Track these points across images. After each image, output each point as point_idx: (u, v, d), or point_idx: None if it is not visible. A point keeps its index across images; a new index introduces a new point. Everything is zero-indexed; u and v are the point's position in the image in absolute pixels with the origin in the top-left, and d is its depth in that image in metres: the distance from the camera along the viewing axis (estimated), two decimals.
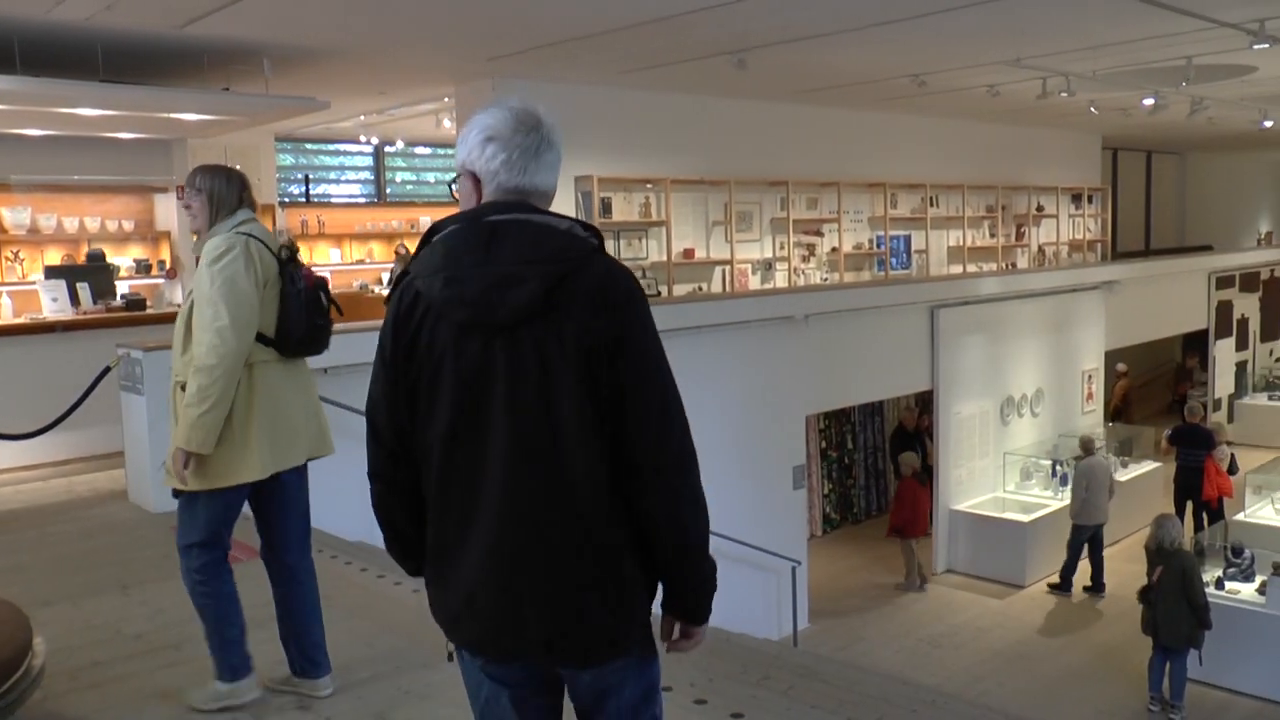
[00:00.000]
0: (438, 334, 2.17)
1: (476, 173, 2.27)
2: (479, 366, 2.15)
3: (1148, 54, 10.60)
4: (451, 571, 2.24)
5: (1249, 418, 20.13)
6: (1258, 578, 10.28)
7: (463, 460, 2.19)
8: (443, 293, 2.14)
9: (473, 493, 2.19)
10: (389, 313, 2.24)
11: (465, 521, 2.20)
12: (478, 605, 2.21)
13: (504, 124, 2.26)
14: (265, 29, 8.35)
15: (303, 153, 16.18)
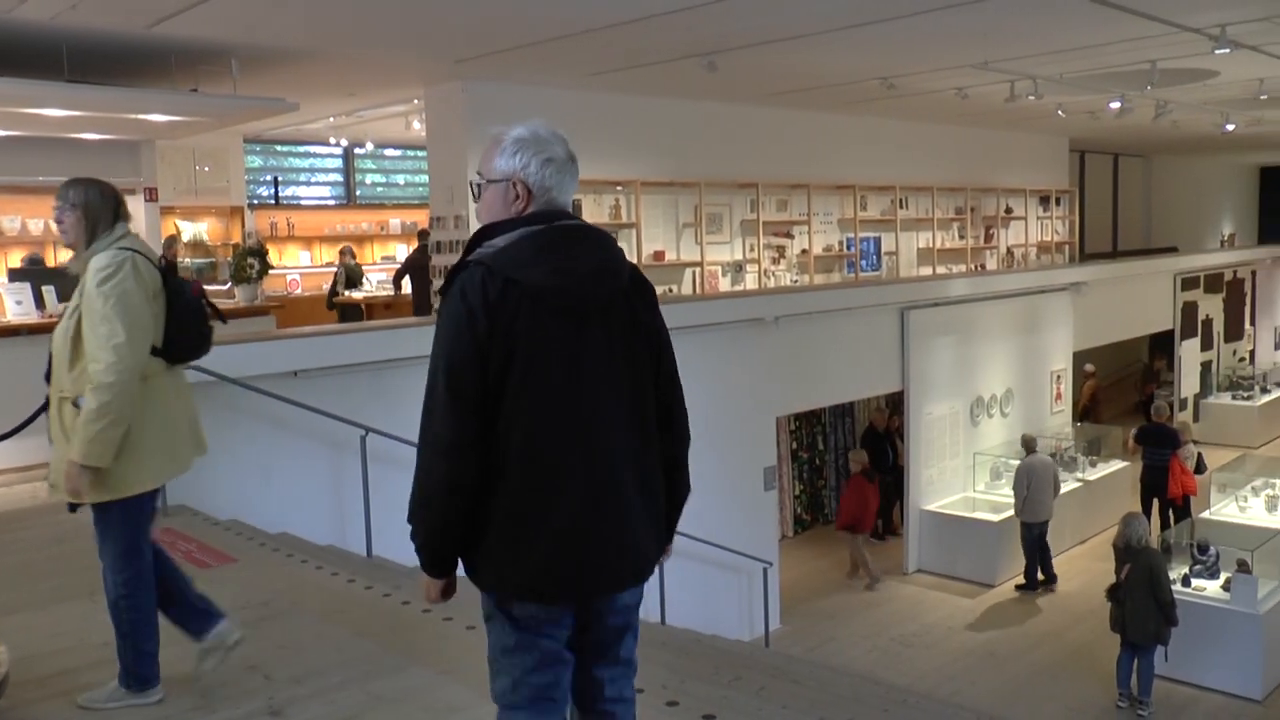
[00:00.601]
0: (537, 315, 2.50)
1: (530, 185, 2.63)
2: (579, 342, 2.56)
3: (1113, 58, 10.70)
4: (548, 524, 2.53)
5: (1214, 417, 20.37)
6: (1222, 574, 10.39)
7: (567, 421, 2.54)
8: (551, 280, 2.52)
9: (579, 449, 2.55)
10: (479, 302, 2.48)
11: (572, 475, 2.54)
12: (589, 545, 2.57)
13: (559, 149, 2.70)
14: (233, 30, 8.28)
15: (272, 154, 16.08)
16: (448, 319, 2.54)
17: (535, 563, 2.55)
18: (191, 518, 6.66)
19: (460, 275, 2.56)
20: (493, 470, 2.53)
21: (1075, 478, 14.70)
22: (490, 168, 2.68)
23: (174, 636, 4.04)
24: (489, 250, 2.55)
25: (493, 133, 2.75)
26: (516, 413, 2.51)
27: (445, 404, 2.51)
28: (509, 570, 2.56)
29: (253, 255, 10.96)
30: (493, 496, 2.54)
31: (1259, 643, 9.81)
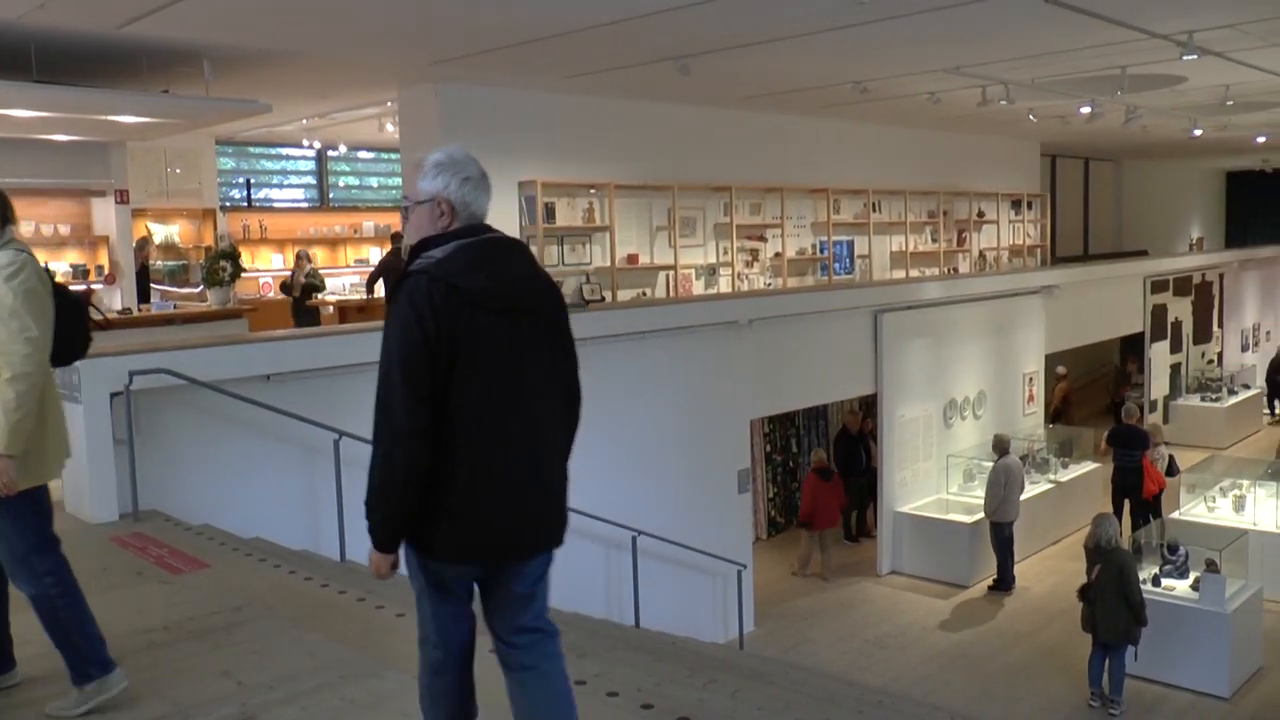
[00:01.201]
0: (474, 319, 2.88)
1: (453, 202, 3.02)
2: (513, 338, 2.96)
3: (1084, 63, 10.80)
4: (493, 495, 2.94)
5: (1183, 418, 20.57)
6: (1192, 574, 10.49)
7: (504, 406, 2.94)
8: (487, 285, 2.92)
9: (515, 430, 2.97)
10: (430, 307, 2.84)
11: (510, 452, 2.96)
12: (526, 513, 3.02)
13: (473, 168, 3.07)
14: (206, 30, 8.24)
15: (244, 156, 15.99)
16: (400, 322, 2.87)
17: (485, 528, 2.95)
18: (163, 523, 6.61)
19: (407, 283, 2.91)
20: (442, 452, 2.88)
21: (1047, 479, 14.82)
22: (416, 190, 3.05)
23: (142, 643, 4.01)
24: (429, 261, 2.92)
25: (414, 160, 3.13)
26: (463, 401, 2.89)
27: (402, 397, 2.85)
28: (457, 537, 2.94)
29: (225, 258, 10.91)
30: (443, 474, 2.89)
31: (1226, 641, 9.92)
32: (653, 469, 10.26)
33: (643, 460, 10.16)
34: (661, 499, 10.30)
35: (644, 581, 9.71)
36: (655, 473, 10.29)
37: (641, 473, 10.12)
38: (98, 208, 11.62)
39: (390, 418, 2.89)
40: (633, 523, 9.56)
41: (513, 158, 11.47)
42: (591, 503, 9.22)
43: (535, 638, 3.18)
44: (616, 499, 9.65)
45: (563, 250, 12.02)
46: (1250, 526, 12.18)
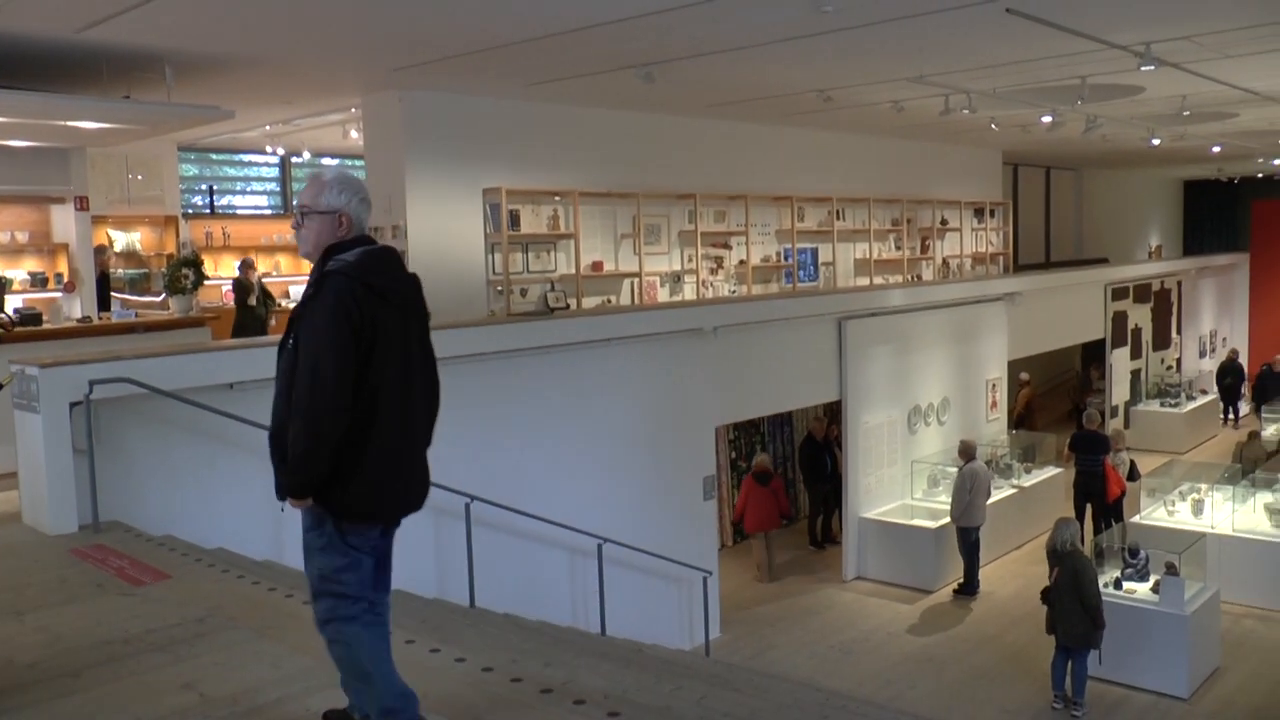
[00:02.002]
0: (383, 312, 3.40)
1: (351, 217, 3.54)
2: (405, 332, 3.50)
3: (1045, 73, 10.93)
4: (399, 464, 3.50)
5: (1143, 423, 20.83)
6: (1152, 577, 10.63)
7: (403, 389, 3.49)
8: (391, 284, 3.48)
9: (412, 409, 3.55)
10: (353, 300, 3.32)
11: (409, 427, 3.53)
12: (419, 479, 3.65)
13: (365, 190, 3.62)
14: (167, 35, 8.16)
15: (207, 163, 15.87)
16: (328, 314, 3.32)
17: (385, 493, 3.49)
18: (124, 534, 6.54)
19: (330, 281, 3.37)
20: (358, 425, 3.37)
21: (1011, 484, 14.95)
22: (320, 201, 3.52)
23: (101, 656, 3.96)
24: (344, 263, 3.41)
25: (314, 173, 3.66)
26: (379, 382, 3.40)
27: (330, 378, 3.29)
28: (367, 500, 3.44)
29: (187, 266, 10.81)
30: (359, 444, 3.38)
31: (1185, 643, 10.06)
32: (618, 476, 10.27)
33: (608, 468, 10.16)
34: (627, 506, 10.30)
35: (610, 589, 9.71)
36: (621, 480, 10.29)
37: (607, 480, 10.12)
38: (57, 215, 11.46)
39: (320, 396, 3.30)
40: (598, 530, 9.55)
41: (477, 165, 11.46)
42: (557, 510, 9.24)
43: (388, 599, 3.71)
44: (582, 506, 9.65)
45: (527, 258, 12.01)
46: (1208, 530, 12.35)
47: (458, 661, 4.71)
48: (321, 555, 3.49)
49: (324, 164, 16.96)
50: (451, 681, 4.48)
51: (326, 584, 3.49)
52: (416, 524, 8.72)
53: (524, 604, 8.14)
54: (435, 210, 11.15)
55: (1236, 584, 11.88)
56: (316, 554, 3.50)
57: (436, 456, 8.31)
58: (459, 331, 8.99)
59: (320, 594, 3.50)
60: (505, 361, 9.15)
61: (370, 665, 3.53)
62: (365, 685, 3.57)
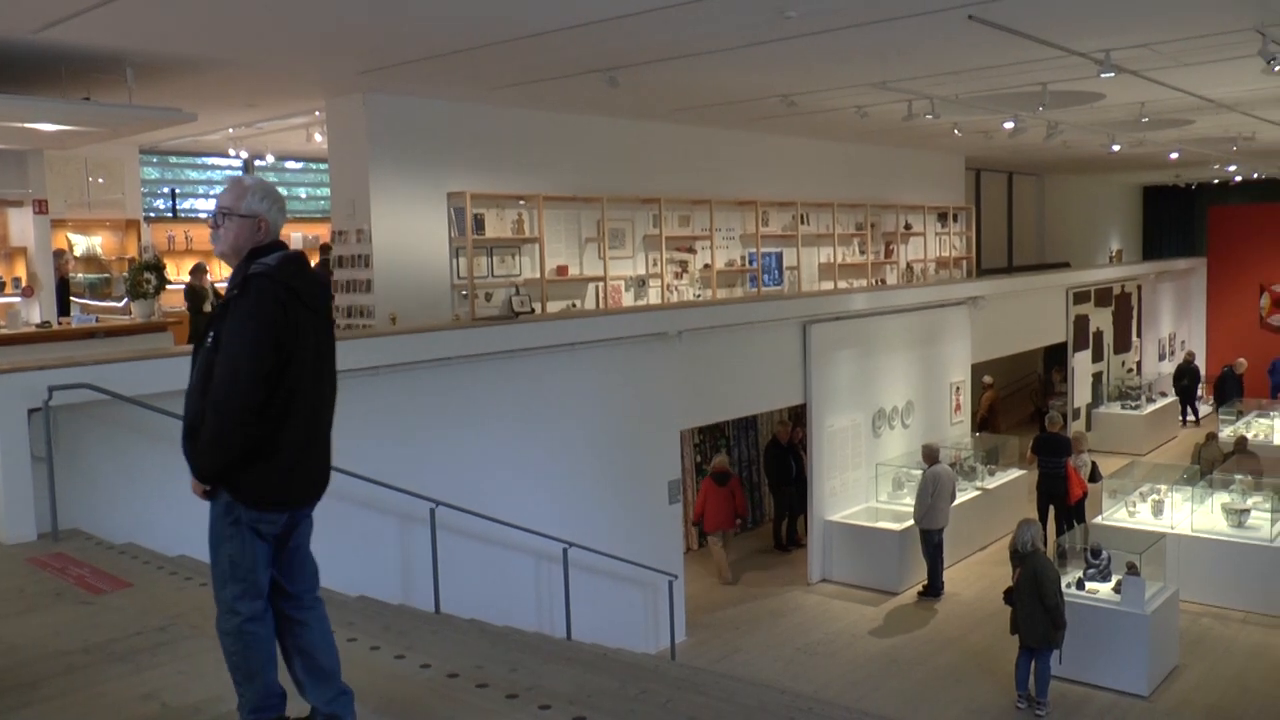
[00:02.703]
0: (300, 314, 3.61)
1: (269, 222, 3.72)
2: (315, 333, 3.69)
3: (1007, 80, 11.03)
4: (308, 457, 3.72)
5: (1105, 426, 21.07)
6: (1114, 577, 10.75)
7: (313, 388, 3.68)
8: (307, 287, 3.68)
9: (321, 403, 3.75)
10: (276, 302, 3.53)
11: (316, 423, 3.74)
12: (325, 468, 3.82)
13: (281, 199, 3.80)
14: (128, 36, 8.07)
15: (168, 166, 15.72)
16: (252, 314, 3.52)
17: (296, 482, 3.70)
18: (84, 542, 6.46)
19: (256, 283, 3.55)
20: (274, 419, 3.55)
21: (975, 486, 15.07)
22: (241, 205, 3.69)
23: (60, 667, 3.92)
24: (266, 266, 3.60)
25: (233, 178, 3.72)
26: (295, 377, 3.59)
27: (250, 373, 3.48)
28: (279, 489, 3.64)
29: (149, 270, 10.71)
30: (273, 436, 3.57)
31: (1146, 641, 10.20)
32: (583, 481, 10.26)
33: (573, 472, 10.15)
34: (592, 511, 10.30)
35: (575, 593, 9.70)
36: (586, 485, 10.29)
37: (572, 485, 10.12)
38: (15, 218, 11.32)
39: (239, 389, 3.48)
40: (564, 535, 9.55)
41: (442, 169, 11.43)
42: (522, 515, 9.23)
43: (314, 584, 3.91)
44: (547, 511, 9.64)
45: (492, 262, 11.99)
46: (1168, 530, 12.51)
47: (423, 668, 4.70)
48: (230, 543, 3.63)
49: (288, 167, 16.87)
50: (416, 687, 4.46)
51: (236, 570, 3.63)
52: (381, 530, 8.73)
53: (489, 609, 8.13)
54: (399, 214, 11.11)
55: (1194, 583, 12.05)
56: (226, 542, 3.64)
57: (400, 460, 8.26)
58: (423, 336, 8.97)
59: (228, 580, 3.64)
60: (470, 366, 9.13)
61: (256, 669, 3.67)
62: (246, 687, 3.68)
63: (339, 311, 11.45)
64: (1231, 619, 12.14)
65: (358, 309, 11.16)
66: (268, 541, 3.68)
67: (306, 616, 3.81)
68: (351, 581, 7.43)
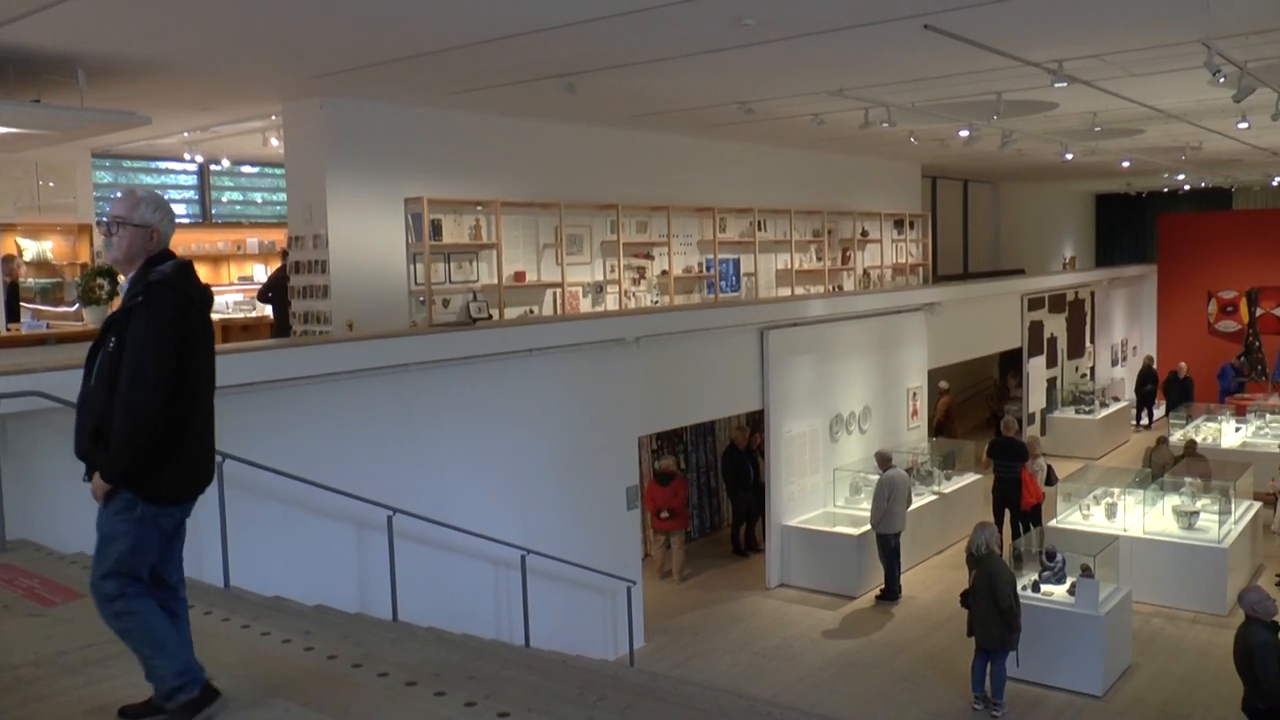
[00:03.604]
0: (196, 320, 3.90)
1: (161, 233, 3.96)
2: (206, 334, 3.99)
3: (962, 89, 11.16)
4: (200, 451, 3.98)
5: (1059, 430, 21.35)
6: (1068, 579, 10.89)
7: (208, 385, 3.99)
8: (201, 294, 4.00)
9: (209, 402, 4.02)
10: (176, 308, 3.80)
11: (207, 421, 4.02)
12: (206, 470, 4.05)
13: (171, 210, 4.03)
14: (79, 37, 7.96)
15: (122, 170, 15.51)
16: (156, 319, 3.74)
17: (196, 476, 3.99)
18: (34, 552, 6.36)
19: (155, 290, 3.78)
20: (178, 419, 3.80)
21: (931, 490, 15.19)
22: (134, 215, 3.90)
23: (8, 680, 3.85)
24: (163, 274, 3.84)
25: (127, 188, 4.08)
26: (195, 378, 3.86)
27: (157, 377, 3.71)
28: (182, 484, 3.91)
29: (102, 275, 10.54)
30: (177, 435, 3.82)
31: (1100, 642, 10.34)
32: (541, 487, 10.24)
33: (531, 479, 10.13)
34: (550, 517, 10.28)
35: (534, 600, 9.68)
36: (544, 491, 10.27)
37: (530, 491, 10.10)
38: None
39: (142, 394, 3.68)
40: (521, 541, 9.53)
41: (399, 174, 11.38)
42: (480, 522, 9.21)
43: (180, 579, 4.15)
44: (505, 518, 9.62)
45: (449, 268, 11.95)
46: (1121, 532, 12.69)
47: (380, 676, 4.67)
48: (127, 538, 3.78)
49: (244, 171, 16.72)
50: (375, 697, 4.44)
51: (124, 564, 3.79)
52: (338, 538, 8.66)
53: (448, 617, 8.09)
54: (356, 219, 11.04)
55: (1146, 584, 12.24)
56: (122, 536, 3.78)
57: (357, 467, 8.19)
58: (381, 342, 8.93)
59: (113, 574, 3.78)
60: (427, 372, 9.09)
61: (164, 638, 3.88)
62: (160, 657, 3.87)
63: (295, 318, 11.38)
64: (1182, 619, 12.33)
65: (314, 315, 11.08)
66: (165, 536, 3.91)
67: (176, 607, 4.03)
68: (308, 590, 7.38)
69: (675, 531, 13.98)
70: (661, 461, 14.18)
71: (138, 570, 3.84)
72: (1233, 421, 19.61)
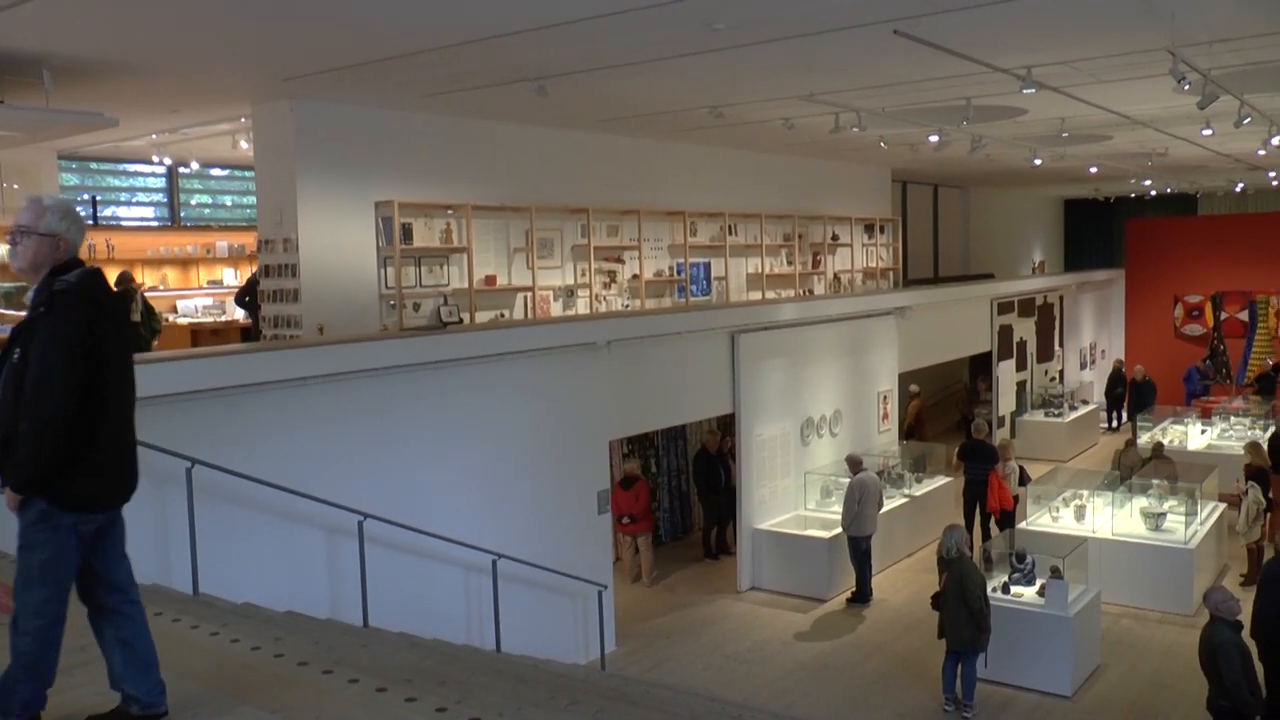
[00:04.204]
0: (104, 326, 3.84)
1: (69, 241, 3.93)
2: (116, 341, 3.92)
3: (932, 94, 11.24)
4: (121, 458, 3.95)
5: (1029, 433, 21.50)
6: (1038, 581, 10.97)
7: (121, 392, 3.93)
8: (109, 300, 3.96)
9: (124, 410, 3.97)
10: (85, 315, 3.76)
11: (126, 425, 3.98)
12: (125, 477, 3.99)
13: (81, 219, 4.03)
14: (45, 38, 7.87)
15: (89, 172, 15.38)
16: (61, 328, 3.72)
17: (113, 483, 3.94)
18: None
19: (62, 299, 3.77)
20: (88, 426, 3.77)
21: (902, 494, 15.26)
22: (40, 224, 3.89)
23: None
24: (69, 283, 3.82)
25: (33, 197, 3.98)
26: (103, 385, 3.81)
27: (62, 386, 3.69)
28: (97, 491, 3.88)
29: None
30: (89, 443, 3.78)
31: (1069, 643, 10.43)
32: (512, 492, 10.22)
33: (502, 483, 10.11)
34: (521, 521, 10.26)
35: (505, 605, 9.66)
36: (515, 495, 10.25)
37: (501, 496, 10.08)
38: None
39: (47, 403, 3.67)
40: (493, 546, 9.51)
41: (369, 177, 11.33)
42: (451, 527, 9.18)
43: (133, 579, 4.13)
44: (476, 523, 9.60)
45: (420, 271, 11.91)
46: (1090, 534, 12.79)
47: (351, 683, 4.65)
48: (45, 547, 3.79)
49: (213, 174, 16.62)
50: (345, 703, 4.42)
51: (48, 573, 3.80)
52: (308, 543, 8.61)
53: (419, 622, 8.06)
54: (326, 223, 10.99)
55: (1115, 585, 12.34)
56: (40, 546, 3.79)
57: (328, 473, 8.15)
58: (351, 346, 8.88)
59: (35, 584, 3.80)
60: (398, 376, 9.06)
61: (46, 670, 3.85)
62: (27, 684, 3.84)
63: (266, 321, 11.31)
64: (1149, 619, 12.45)
65: (285, 319, 11.01)
66: (85, 542, 3.89)
67: (132, 610, 4.04)
68: (278, 596, 7.34)
69: (641, 535, 13.99)
70: (627, 465, 14.19)
71: (63, 580, 3.84)
72: (1199, 424, 19.81)
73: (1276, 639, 8.52)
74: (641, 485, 13.95)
